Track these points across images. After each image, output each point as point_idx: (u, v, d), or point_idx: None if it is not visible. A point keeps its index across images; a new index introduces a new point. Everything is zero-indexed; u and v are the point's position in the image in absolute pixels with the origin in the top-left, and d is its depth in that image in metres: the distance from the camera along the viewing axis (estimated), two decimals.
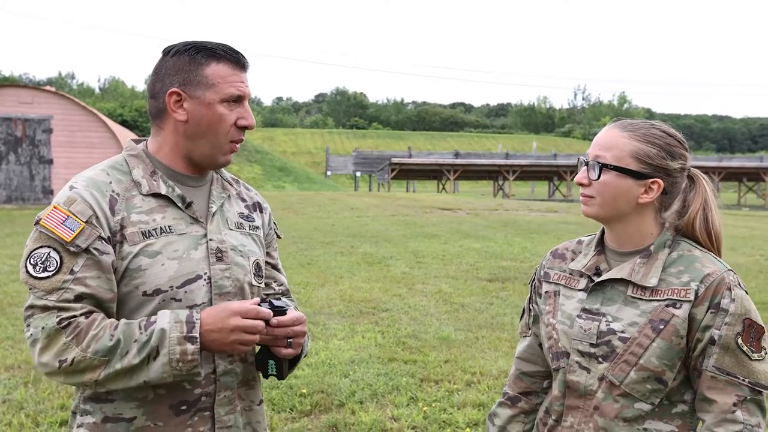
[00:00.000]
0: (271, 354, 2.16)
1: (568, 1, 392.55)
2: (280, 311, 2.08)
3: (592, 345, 2.12)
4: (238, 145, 2.18)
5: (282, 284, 2.48)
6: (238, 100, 2.13)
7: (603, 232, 2.27)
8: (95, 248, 1.99)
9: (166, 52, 2.15)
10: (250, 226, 2.32)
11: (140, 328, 1.95)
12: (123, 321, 1.97)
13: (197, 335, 1.94)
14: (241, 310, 1.97)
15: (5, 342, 7.50)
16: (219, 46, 2.14)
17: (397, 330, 8.28)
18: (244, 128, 2.15)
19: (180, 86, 2.10)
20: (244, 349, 2.02)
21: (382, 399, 5.93)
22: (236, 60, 2.13)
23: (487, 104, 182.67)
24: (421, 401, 5.88)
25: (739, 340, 2.01)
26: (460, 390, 6.16)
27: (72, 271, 1.96)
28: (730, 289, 2.04)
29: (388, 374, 6.53)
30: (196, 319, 1.96)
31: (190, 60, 2.11)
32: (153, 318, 1.97)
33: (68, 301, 1.94)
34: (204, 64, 2.10)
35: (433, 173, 55.31)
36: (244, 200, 2.38)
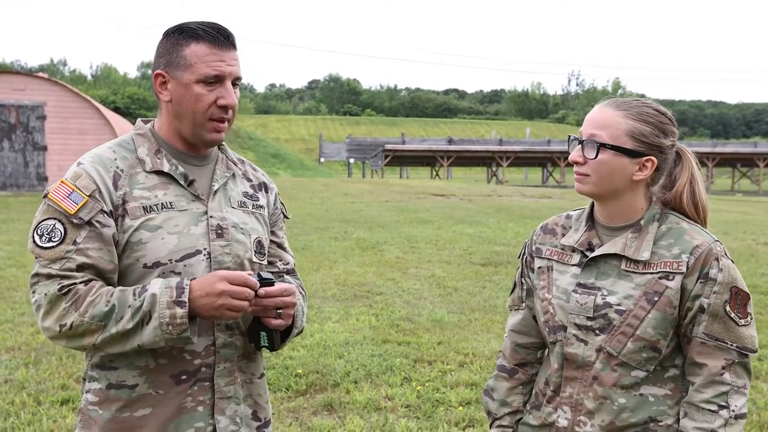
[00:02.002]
0: (262, 325, 2.21)
1: None
2: (267, 282, 2.13)
3: (588, 318, 2.19)
4: (223, 124, 2.21)
5: (288, 263, 2.51)
6: (216, 79, 2.15)
7: (592, 207, 2.33)
8: (97, 221, 2.08)
9: (163, 34, 2.23)
10: (253, 205, 2.38)
11: (134, 294, 2.02)
12: (119, 288, 2.05)
13: (186, 300, 2.00)
14: (228, 276, 2.02)
15: (5, 324, 7.58)
16: (201, 26, 2.16)
17: (390, 313, 8.37)
18: (225, 107, 2.18)
19: (164, 68, 2.18)
20: (232, 315, 2.06)
21: (376, 379, 6.02)
22: (215, 39, 2.15)
23: (481, 90, 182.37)
24: (414, 381, 5.97)
25: (727, 308, 2.10)
26: (453, 370, 6.26)
27: (75, 242, 2.05)
28: (717, 259, 2.13)
29: (382, 355, 6.62)
30: (186, 285, 2.02)
31: (174, 41, 2.17)
32: (147, 285, 2.04)
33: (70, 270, 2.03)
34: (183, 45, 2.15)
35: (427, 160, 55.38)
36: (249, 180, 2.44)
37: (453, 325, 7.84)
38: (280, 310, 2.16)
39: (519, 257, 2.52)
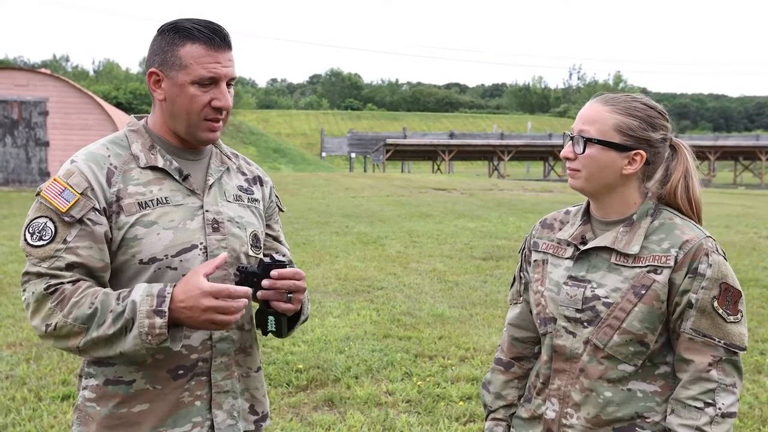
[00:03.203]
0: (271, 310, 2.19)
1: None
2: (280, 264, 2.12)
3: (577, 310, 2.20)
4: (217, 124, 2.21)
5: (284, 255, 2.51)
6: (211, 81, 2.14)
7: (589, 203, 2.35)
8: (89, 219, 2.07)
9: (157, 31, 2.21)
10: (249, 198, 2.38)
11: (118, 298, 1.99)
12: (104, 290, 2.02)
13: (166, 309, 1.95)
14: (212, 291, 1.96)
15: (6, 320, 7.60)
16: (196, 26, 2.14)
17: (391, 307, 8.37)
18: (219, 109, 2.18)
19: (159, 66, 2.17)
20: (217, 328, 2.03)
21: (377, 374, 6.02)
22: (211, 40, 2.13)
23: (482, 84, 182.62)
24: (415, 376, 5.98)
25: (715, 303, 2.09)
26: (454, 365, 6.26)
27: (65, 241, 2.04)
28: (707, 255, 2.12)
29: (383, 350, 6.63)
30: (167, 293, 1.97)
31: (169, 40, 2.15)
32: (132, 290, 2.01)
33: (59, 269, 2.02)
34: (179, 44, 2.13)
35: (428, 154, 55.33)
36: (244, 174, 2.44)
37: (454, 320, 7.85)
38: (291, 294, 2.16)
39: (519, 252, 2.54)
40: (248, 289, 2.04)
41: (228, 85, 2.19)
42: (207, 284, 1.97)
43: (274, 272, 2.10)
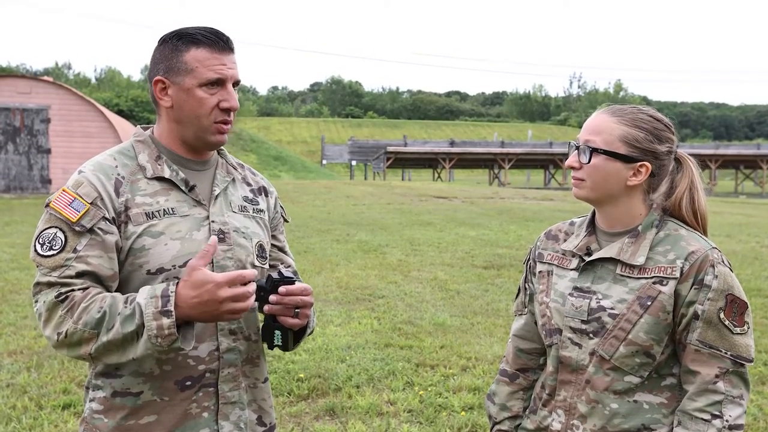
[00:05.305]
0: (278, 324, 2.19)
1: None
2: (288, 281, 2.12)
3: (583, 322, 2.20)
4: (226, 126, 2.23)
5: (289, 266, 2.52)
6: (218, 83, 2.17)
7: (594, 214, 2.35)
8: (99, 228, 2.07)
9: (159, 41, 2.23)
10: (254, 209, 2.39)
11: (125, 302, 1.99)
12: (112, 294, 2.02)
13: (171, 309, 1.94)
14: (227, 280, 1.95)
15: (7, 328, 7.58)
16: (199, 31, 2.17)
17: (393, 316, 8.36)
18: (227, 110, 2.20)
19: (164, 74, 2.18)
20: (236, 317, 2.03)
21: (378, 383, 6.01)
22: (214, 43, 2.17)
23: (483, 93, 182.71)
24: (417, 385, 5.96)
25: (722, 315, 2.10)
26: (456, 375, 6.25)
27: (75, 250, 2.04)
28: (713, 266, 2.12)
29: (385, 359, 6.61)
30: (171, 293, 1.96)
31: (173, 47, 2.17)
32: (137, 293, 2.01)
33: (70, 277, 2.02)
34: (183, 50, 2.16)
35: (429, 162, 55.41)
36: (249, 184, 2.45)
37: (455, 329, 7.84)
38: (298, 309, 2.16)
39: (524, 263, 2.55)
40: (255, 271, 2.04)
41: (233, 87, 2.21)
42: (218, 275, 1.97)
43: (282, 289, 2.10)
